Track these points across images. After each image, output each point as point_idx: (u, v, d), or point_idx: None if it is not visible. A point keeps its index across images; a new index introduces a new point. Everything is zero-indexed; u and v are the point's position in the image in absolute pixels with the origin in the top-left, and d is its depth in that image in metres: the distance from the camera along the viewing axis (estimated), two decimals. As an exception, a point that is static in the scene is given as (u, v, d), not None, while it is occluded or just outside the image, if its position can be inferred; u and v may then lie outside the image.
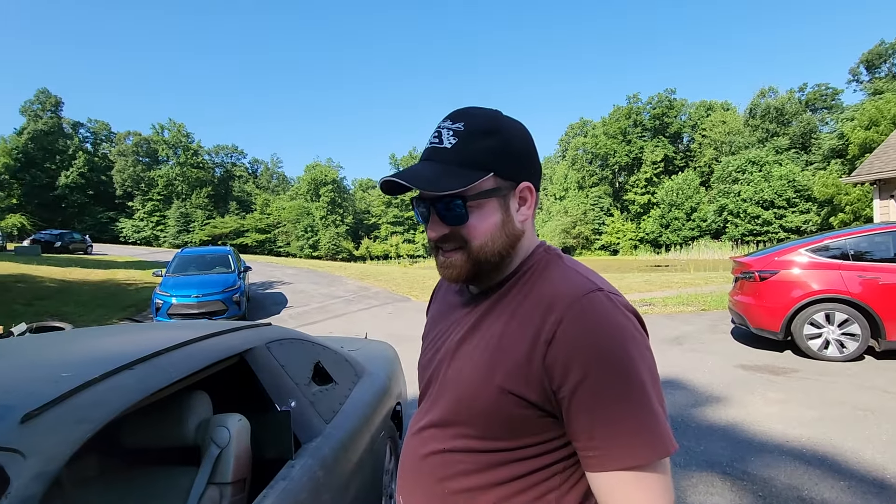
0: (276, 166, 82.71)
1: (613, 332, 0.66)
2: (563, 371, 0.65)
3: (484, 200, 0.74)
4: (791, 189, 39.27)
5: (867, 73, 48.89)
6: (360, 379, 2.39)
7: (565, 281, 0.73)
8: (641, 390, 0.65)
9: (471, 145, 0.73)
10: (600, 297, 0.69)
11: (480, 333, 0.77)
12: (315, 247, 65.25)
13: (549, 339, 0.67)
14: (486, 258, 0.76)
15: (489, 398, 0.71)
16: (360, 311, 10.35)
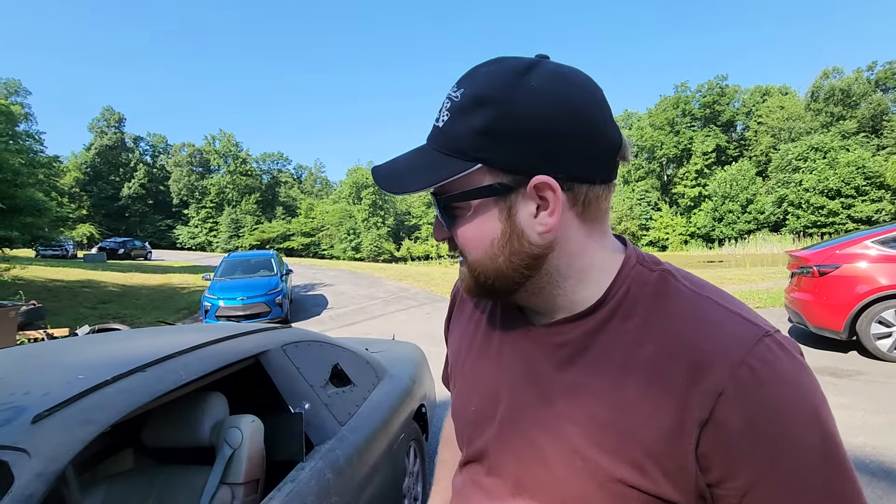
0: (319, 171, 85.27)
1: (801, 400, 0.46)
2: (731, 465, 0.46)
3: (474, 202, 0.52)
4: (860, 176, 36.33)
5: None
6: (380, 381, 2.38)
7: (705, 319, 0.50)
8: (849, 477, 0.46)
9: (458, 123, 0.51)
10: (773, 350, 0.47)
11: (571, 392, 0.54)
12: (357, 249, 66.67)
13: (704, 419, 0.46)
14: (487, 278, 0.55)
15: (605, 496, 0.50)
16: (397, 311, 10.45)
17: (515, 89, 0.49)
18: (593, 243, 0.56)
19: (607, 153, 0.52)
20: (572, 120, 0.49)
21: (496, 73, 0.51)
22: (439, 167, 0.52)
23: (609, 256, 0.57)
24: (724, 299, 0.53)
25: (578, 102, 0.50)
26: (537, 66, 0.51)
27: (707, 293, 0.54)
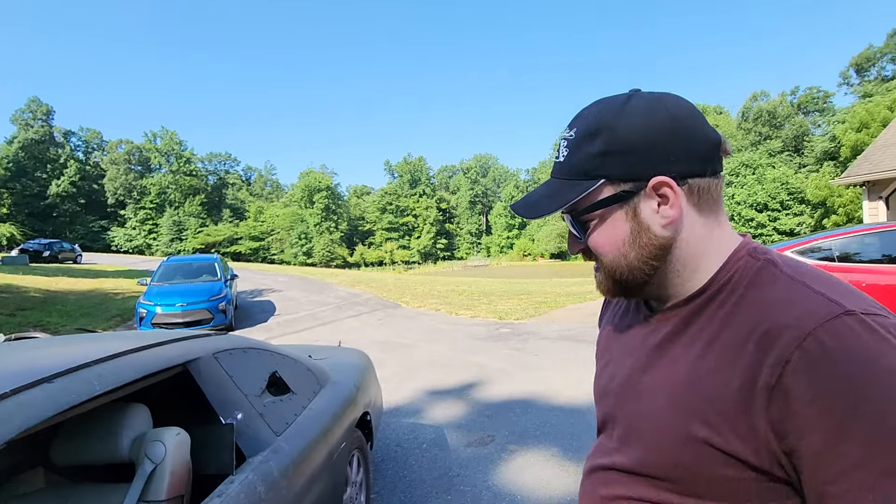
0: (269, 173, 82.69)
1: (881, 378, 0.46)
2: (798, 429, 0.49)
3: (604, 211, 0.63)
4: (784, 191, 39.54)
5: (857, 76, 49.44)
6: (322, 388, 2.32)
7: (789, 299, 0.54)
8: None
9: (577, 153, 0.63)
10: (851, 324, 0.49)
11: (665, 364, 0.63)
12: (309, 254, 65.04)
13: (772, 384, 0.50)
14: (622, 275, 0.65)
15: (686, 451, 0.56)
16: (348, 317, 10.26)
17: (619, 117, 0.61)
18: (709, 232, 0.63)
19: (709, 150, 0.61)
20: (671, 128, 0.59)
21: (601, 109, 0.63)
22: (567, 190, 0.63)
23: (722, 246, 0.63)
24: (818, 282, 0.55)
25: (673, 114, 0.60)
26: (634, 97, 0.63)
27: (802, 277, 0.57)
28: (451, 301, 12.38)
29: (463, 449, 3.50)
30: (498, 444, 3.53)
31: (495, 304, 11.67)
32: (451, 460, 3.32)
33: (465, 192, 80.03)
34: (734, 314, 0.57)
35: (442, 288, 16.04)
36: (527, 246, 65.39)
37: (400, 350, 6.99)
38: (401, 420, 4.15)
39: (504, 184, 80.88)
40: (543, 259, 58.93)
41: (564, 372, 5.36)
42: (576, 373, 5.29)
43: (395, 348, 7.12)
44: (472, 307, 11.17)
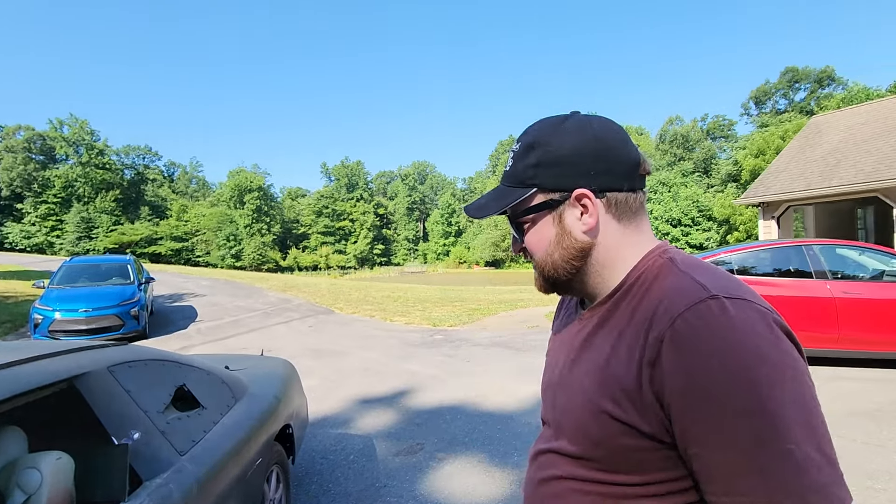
0: (195, 170, 77.66)
1: (731, 351, 0.53)
2: (669, 399, 0.56)
3: (535, 216, 0.72)
4: (695, 209, 43.22)
5: (756, 107, 55.34)
6: (237, 401, 2.17)
7: (675, 288, 0.61)
8: (776, 426, 0.50)
9: (518, 164, 0.73)
10: (711, 306, 0.56)
11: (588, 355, 0.70)
12: (238, 256, 61.77)
13: (653, 360, 0.57)
14: (549, 273, 0.74)
15: (601, 428, 0.64)
16: (277, 324, 9.81)
17: (553, 134, 0.70)
18: (626, 238, 0.71)
19: (628, 168, 0.70)
20: (595, 148, 0.68)
21: (541, 126, 0.73)
22: (507, 196, 0.73)
23: (639, 250, 0.71)
24: (701, 273, 0.62)
25: (598, 136, 0.69)
26: (570, 118, 0.72)
27: (690, 270, 0.64)
28: (386, 307, 12.24)
29: (391, 458, 3.43)
30: (427, 453, 3.50)
31: (430, 310, 11.69)
32: (379, 471, 3.25)
33: (402, 198, 79.84)
34: (640, 305, 0.64)
35: (377, 294, 15.82)
36: (463, 253, 66.29)
37: (331, 357, 6.78)
38: (328, 431, 4.01)
39: (441, 192, 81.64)
40: (478, 267, 60.00)
41: (494, 378, 5.45)
42: (505, 379, 5.40)
43: (326, 356, 6.90)
44: (407, 314, 11.11)
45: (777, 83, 53.39)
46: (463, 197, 79.75)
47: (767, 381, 0.51)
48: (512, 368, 5.88)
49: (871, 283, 5.37)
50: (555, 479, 0.72)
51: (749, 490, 0.51)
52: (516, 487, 2.95)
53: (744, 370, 0.51)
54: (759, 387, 0.51)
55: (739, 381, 0.51)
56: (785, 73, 52.72)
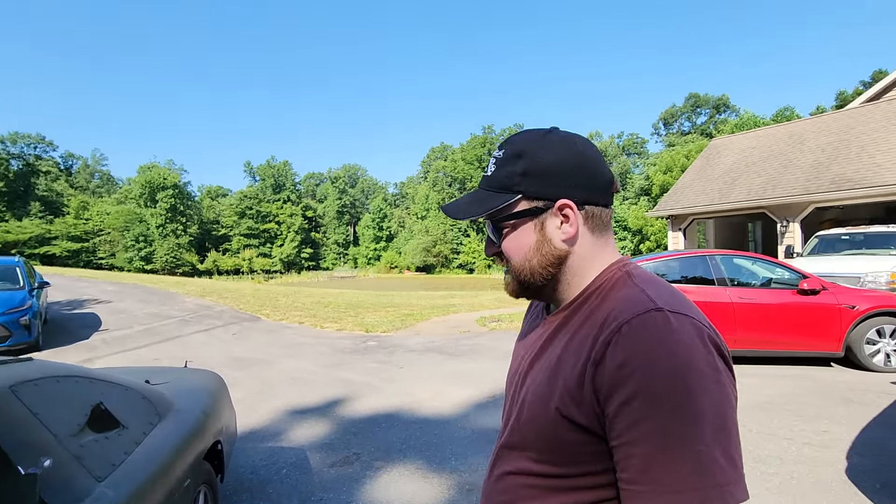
0: (98, 164, 70.43)
1: (661, 356, 0.59)
2: (606, 395, 0.61)
3: (517, 222, 0.75)
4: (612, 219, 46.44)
5: (664, 128, 60.57)
6: (162, 419, 2.01)
7: (624, 300, 0.67)
8: (696, 428, 0.56)
9: (502, 170, 0.75)
10: (655, 317, 0.62)
11: (546, 355, 0.75)
12: (149, 259, 56.93)
13: (598, 360, 0.63)
14: (525, 278, 0.76)
15: (547, 422, 0.68)
16: (197, 332, 9.15)
17: (541, 146, 0.74)
18: (596, 249, 0.76)
19: (605, 185, 0.75)
20: (579, 163, 0.73)
21: (527, 137, 0.76)
22: (492, 199, 0.75)
23: (603, 261, 0.76)
24: (651, 287, 0.69)
25: (581, 151, 0.74)
26: (554, 131, 0.76)
27: (643, 284, 0.70)
28: (317, 313, 11.86)
29: (327, 470, 3.33)
30: (363, 462, 3.44)
31: (362, 316, 11.50)
32: (314, 484, 3.14)
33: (332, 201, 77.91)
34: (594, 312, 0.70)
35: (307, 299, 15.29)
36: (394, 258, 65.86)
37: (258, 367, 6.45)
38: (256, 445, 3.81)
39: (373, 196, 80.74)
40: (409, 272, 59.91)
41: (429, 384, 5.47)
42: (440, 384, 5.44)
43: (253, 365, 6.55)
44: (339, 320, 10.85)
45: (682, 107, 58.90)
46: (394, 201, 79.36)
47: (692, 388, 0.57)
48: (446, 374, 5.94)
49: (761, 289, 6.06)
50: (506, 473, 0.76)
51: (656, 481, 0.56)
52: (455, 492, 2.99)
53: (673, 376, 0.57)
54: (684, 392, 0.56)
55: (667, 385, 0.57)
56: (689, 98, 58.30)
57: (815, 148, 12.64)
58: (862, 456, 3.31)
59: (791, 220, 11.68)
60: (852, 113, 13.37)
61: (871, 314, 5.50)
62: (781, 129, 15.27)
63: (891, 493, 2.82)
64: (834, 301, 5.63)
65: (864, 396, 4.57)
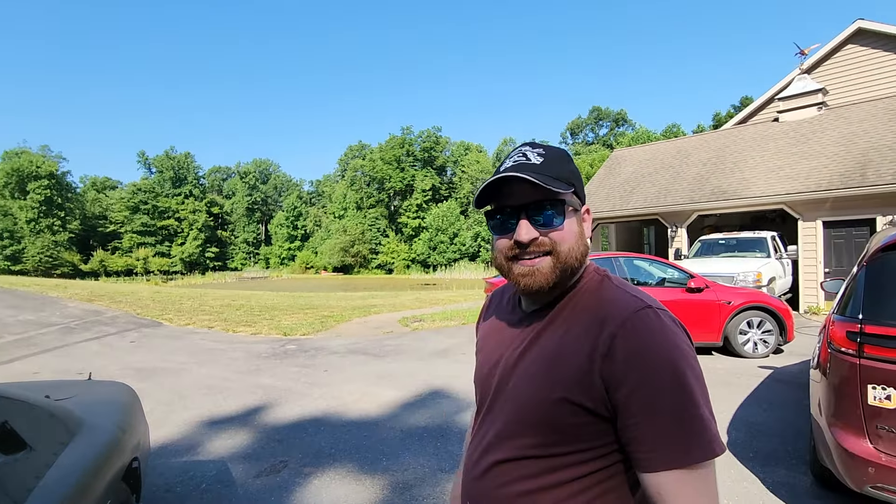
0: (-51, 146, 59.68)
1: (663, 344, 0.72)
2: (618, 382, 0.71)
3: (570, 210, 0.84)
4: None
5: (571, 137, 64.83)
6: (74, 437, 1.84)
7: (616, 300, 0.79)
8: (690, 398, 0.70)
9: (557, 165, 0.83)
10: (650, 314, 0.75)
11: (538, 348, 0.82)
12: (17, 259, 49.57)
13: (605, 352, 0.73)
14: (571, 264, 0.82)
15: (549, 408, 0.76)
16: (86, 341, 8.17)
17: (572, 158, 0.88)
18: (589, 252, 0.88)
19: None
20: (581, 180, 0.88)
21: (559, 148, 0.88)
22: (558, 184, 0.80)
23: (585, 264, 0.88)
24: (631, 290, 0.82)
25: None
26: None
27: (623, 287, 0.84)
28: (228, 317, 11.15)
29: (252, 481, 3.20)
30: (292, 469, 3.35)
31: (279, 319, 11.01)
32: (239, 496, 3.00)
33: (241, 197, 73.17)
34: (585, 309, 0.81)
35: (215, 302, 14.28)
36: (310, 258, 63.48)
37: (164, 376, 5.94)
38: (170, 460, 3.54)
39: (287, 193, 77.07)
40: (326, 272, 58.13)
41: (355, 386, 5.42)
42: (367, 386, 5.42)
43: (158, 375, 6.03)
44: (253, 323, 10.29)
45: (587, 119, 63.48)
46: (309, 200, 76.42)
47: (684, 368, 0.72)
48: (372, 375, 5.92)
49: (656, 287, 6.78)
50: (501, 461, 0.82)
51: (671, 444, 0.69)
52: (389, 492, 3.02)
53: (671, 360, 0.71)
54: (680, 370, 0.71)
55: (668, 367, 0.71)
56: (592, 111, 62.97)
57: (697, 162, 14.32)
58: (738, 430, 3.87)
59: (679, 225, 13.12)
60: (726, 133, 15.34)
61: (743, 308, 6.40)
62: (671, 144, 17.09)
63: (762, 460, 3.34)
64: (714, 297, 6.47)
65: (739, 379, 5.32)
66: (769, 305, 6.42)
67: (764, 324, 6.40)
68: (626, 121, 61.38)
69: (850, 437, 2.34)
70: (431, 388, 5.30)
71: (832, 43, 13.49)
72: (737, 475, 3.12)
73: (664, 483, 0.70)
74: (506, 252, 0.84)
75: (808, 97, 13.26)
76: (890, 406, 2.20)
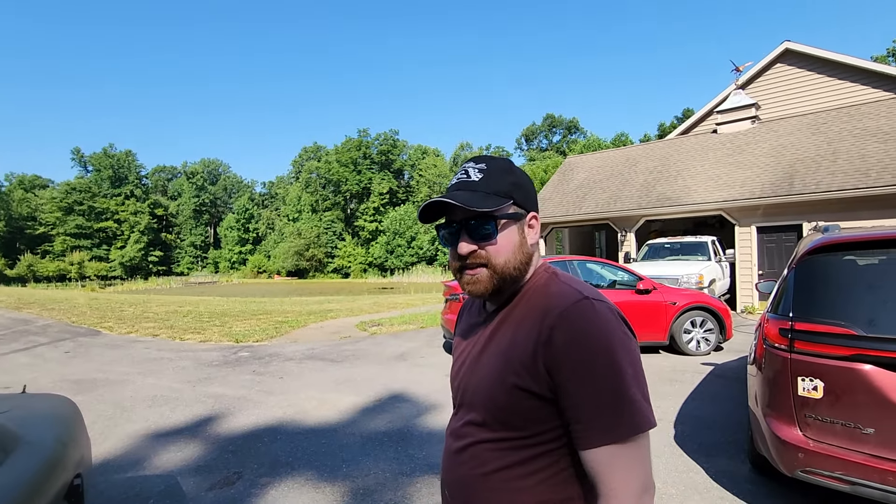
0: None
1: (597, 332, 0.79)
2: (557, 366, 0.78)
3: (507, 222, 0.90)
4: (483, 225, 49.20)
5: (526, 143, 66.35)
6: (10, 454, 1.71)
7: (559, 293, 0.86)
8: (621, 378, 0.77)
9: (496, 179, 0.90)
10: (586, 304, 0.81)
11: (495, 343, 0.90)
12: (-73, 263, 44.91)
13: (546, 340, 0.80)
14: (508, 273, 0.89)
15: (506, 395, 0.84)
16: (14, 353, 7.54)
17: (515, 169, 0.95)
18: (536, 255, 0.96)
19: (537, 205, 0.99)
20: (532, 188, 0.97)
21: (502, 160, 0.95)
22: (494, 199, 0.89)
23: (536, 263, 0.96)
24: (575, 283, 0.89)
25: (530, 180, 0.98)
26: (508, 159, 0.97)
27: (568, 282, 0.90)
28: (174, 324, 10.61)
29: (204, 494, 3.06)
30: (247, 481, 3.24)
31: (230, 325, 10.60)
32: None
33: (188, 198, 69.91)
34: (534, 305, 0.88)
35: (159, 308, 13.56)
36: (262, 262, 61.40)
37: (104, 388, 5.58)
38: (112, 476, 3.34)
39: (238, 194, 74.30)
40: (280, 276, 56.42)
41: (312, 392, 5.31)
42: (324, 392, 5.32)
43: (98, 386, 5.66)
44: (202, 330, 9.85)
45: (541, 125, 65.23)
46: (262, 202, 74.00)
47: (616, 352, 0.78)
48: (330, 381, 5.82)
49: (608, 290, 7.05)
50: (470, 444, 0.91)
51: (603, 420, 0.77)
52: (350, 498, 2.99)
53: (604, 346, 0.78)
54: (612, 355, 0.78)
55: (600, 352, 0.78)
56: (546, 118, 64.76)
57: (644, 170, 15.05)
58: (684, 424, 4.09)
59: (628, 230, 13.72)
60: (671, 143, 16.22)
61: (687, 308, 6.78)
62: (620, 152, 17.86)
63: (705, 451, 3.55)
64: (661, 299, 6.81)
65: (684, 376, 5.63)
66: (711, 306, 6.83)
67: (706, 323, 6.81)
68: (578, 128, 63.51)
69: (782, 426, 2.54)
70: (391, 392, 5.27)
71: (763, 61, 14.58)
72: (683, 466, 3.31)
73: (598, 458, 0.77)
74: (453, 263, 0.93)
75: (742, 111, 14.25)
76: (817, 396, 2.41)
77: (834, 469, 2.33)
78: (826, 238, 2.72)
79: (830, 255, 2.62)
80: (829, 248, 2.63)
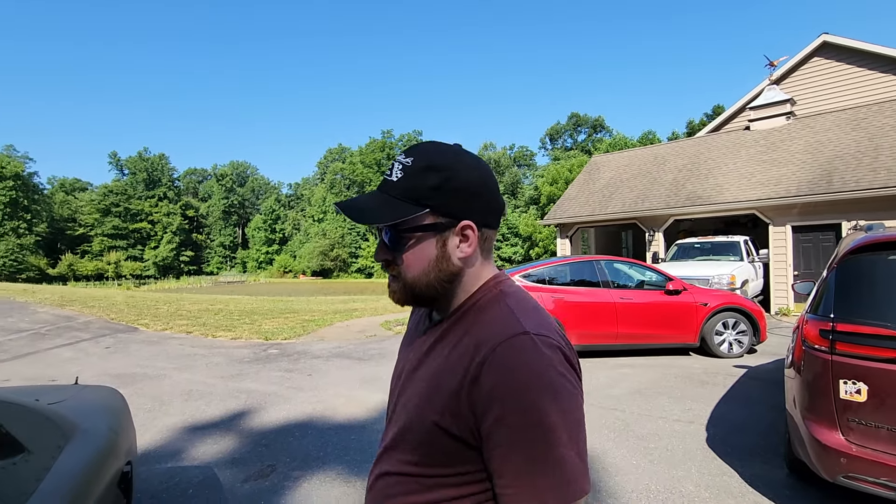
0: None
1: (528, 377, 0.66)
2: (482, 411, 0.67)
3: (420, 234, 0.75)
4: (505, 226, 49.16)
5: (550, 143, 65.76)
6: (69, 441, 1.81)
7: (497, 322, 0.73)
8: (550, 436, 0.64)
9: (412, 180, 0.75)
10: (524, 341, 0.68)
11: (426, 366, 0.79)
12: (-22, 263, 47.40)
13: (475, 378, 0.68)
14: (419, 290, 0.78)
15: (424, 428, 0.73)
16: (58, 347, 7.92)
17: (456, 163, 0.76)
18: (482, 269, 0.82)
19: (499, 209, 0.81)
20: (486, 187, 0.78)
21: (439, 151, 0.77)
22: (400, 208, 0.74)
23: (483, 278, 0.81)
24: (520, 310, 0.75)
25: (487, 175, 0.79)
26: (462, 150, 0.79)
27: (513, 306, 0.76)
28: (206, 322, 10.94)
29: (240, 486, 3.17)
30: (280, 473, 3.33)
31: (259, 323, 10.85)
32: (228, 501, 2.97)
33: (218, 200, 71.88)
34: (470, 329, 0.75)
35: (192, 307, 13.98)
36: (288, 262, 62.64)
37: (143, 382, 5.81)
38: (153, 467, 3.48)
39: (265, 196, 76.02)
40: (305, 276, 57.43)
41: (340, 390, 5.41)
42: (352, 389, 5.41)
43: (137, 381, 5.89)
44: (233, 328, 10.12)
45: (565, 125, 64.55)
46: (288, 203, 75.50)
47: (547, 403, 0.65)
48: (357, 378, 5.91)
49: (636, 290, 6.95)
50: (383, 474, 0.80)
51: (527, 483, 0.65)
52: (381, 492, 3.04)
53: (534, 395, 0.65)
54: (544, 408, 0.65)
55: (532, 402, 0.65)
56: (571, 117, 64.03)
57: (673, 169, 14.74)
58: (716, 427, 4.01)
59: (656, 229, 13.46)
60: (701, 141, 15.83)
61: (719, 310, 6.63)
62: (648, 150, 17.53)
63: (739, 454, 3.47)
64: (692, 300, 6.67)
65: (716, 378, 5.50)
66: (743, 307, 6.66)
67: (739, 325, 6.64)
68: (603, 127, 62.62)
69: (823, 430, 2.47)
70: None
71: (799, 55, 14.09)
72: (716, 469, 3.25)
73: None
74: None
75: (777, 107, 13.81)
76: (860, 399, 2.33)
77: (879, 475, 2.26)
78: (869, 237, 2.63)
79: (874, 255, 2.53)
80: (873, 248, 2.55)
